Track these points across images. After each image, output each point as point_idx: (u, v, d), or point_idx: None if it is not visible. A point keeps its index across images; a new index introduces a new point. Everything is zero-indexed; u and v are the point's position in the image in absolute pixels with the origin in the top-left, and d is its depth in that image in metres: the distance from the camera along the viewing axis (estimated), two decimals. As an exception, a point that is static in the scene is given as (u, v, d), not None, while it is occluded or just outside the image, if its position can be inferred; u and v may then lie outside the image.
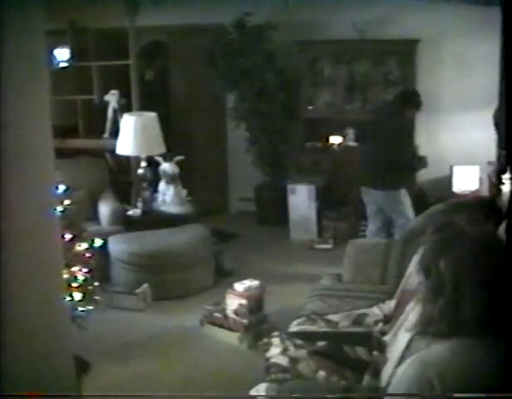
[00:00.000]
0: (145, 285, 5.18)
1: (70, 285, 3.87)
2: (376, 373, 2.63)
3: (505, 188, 4.58)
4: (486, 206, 3.49)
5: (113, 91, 6.63)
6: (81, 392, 3.48)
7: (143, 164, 5.91)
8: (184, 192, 6.02)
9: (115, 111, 6.62)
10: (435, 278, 1.99)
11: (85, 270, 3.98)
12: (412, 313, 2.51)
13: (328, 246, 6.40)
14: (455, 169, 6.46)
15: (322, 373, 2.77)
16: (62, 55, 6.85)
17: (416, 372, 1.87)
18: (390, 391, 2.03)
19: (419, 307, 2.11)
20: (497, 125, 5.58)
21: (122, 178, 6.67)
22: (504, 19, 4.21)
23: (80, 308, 3.97)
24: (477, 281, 1.93)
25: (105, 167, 6.58)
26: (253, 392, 2.57)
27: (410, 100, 5.37)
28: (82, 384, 3.68)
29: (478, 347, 1.88)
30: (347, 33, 6.62)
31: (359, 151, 6.00)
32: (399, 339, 2.61)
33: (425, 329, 2.03)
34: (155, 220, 5.80)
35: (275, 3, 6.42)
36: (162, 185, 5.98)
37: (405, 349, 2.41)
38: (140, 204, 5.90)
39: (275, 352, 3.00)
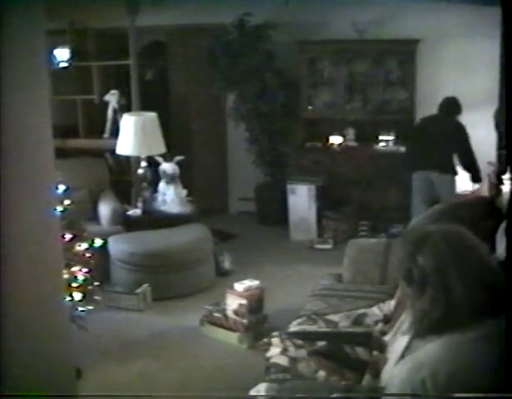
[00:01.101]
0: (145, 285, 5.18)
1: (70, 285, 3.87)
2: (376, 373, 2.63)
3: (505, 188, 4.58)
4: (486, 206, 3.49)
5: (113, 91, 6.63)
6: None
7: (143, 164, 5.92)
8: (184, 192, 6.02)
9: (115, 111, 6.62)
10: (418, 276, 2.02)
11: (85, 270, 3.98)
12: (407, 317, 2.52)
13: (328, 246, 6.40)
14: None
15: (322, 373, 2.76)
16: (62, 55, 6.85)
17: (409, 373, 1.89)
18: (386, 392, 2.04)
19: (410, 310, 2.14)
20: (497, 125, 5.58)
21: (122, 178, 6.67)
22: (504, 19, 4.21)
23: (80, 308, 3.97)
24: (458, 270, 1.97)
25: (106, 167, 6.58)
26: (253, 392, 2.57)
27: (451, 108, 5.72)
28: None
29: (471, 345, 1.89)
30: (347, 33, 6.63)
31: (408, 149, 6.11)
32: (399, 339, 2.61)
33: (420, 325, 2.05)
34: (155, 220, 5.80)
35: (275, 3, 6.42)
36: (162, 185, 5.97)
37: (405, 349, 2.40)
38: (140, 204, 5.91)
39: (275, 352, 3.00)
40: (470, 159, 5.59)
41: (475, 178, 5.67)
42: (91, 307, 4.06)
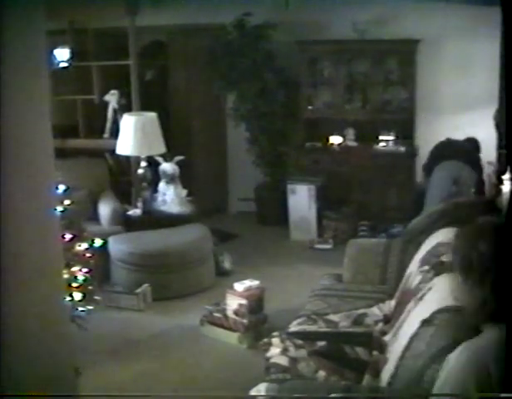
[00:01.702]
0: (145, 285, 5.18)
1: (70, 285, 3.86)
2: (376, 373, 2.63)
3: (505, 188, 4.57)
4: (486, 206, 3.49)
5: (113, 91, 6.63)
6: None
7: (143, 164, 5.92)
8: (184, 192, 6.02)
9: (115, 111, 6.62)
10: (479, 264, 2.06)
11: (85, 270, 3.98)
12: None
13: (328, 246, 6.40)
14: (456, 169, 6.45)
15: (322, 373, 2.77)
16: (62, 55, 6.84)
17: (471, 358, 1.88)
18: (440, 379, 2.02)
19: (462, 295, 2.18)
20: (497, 125, 5.58)
21: (122, 178, 6.67)
22: (504, 19, 4.21)
23: (80, 308, 3.97)
24: None
25: (106, 167, 6.58)
26: (253, 392, 2.57)
27: (473, 147, 5.93)
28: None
29: None
30: (347, 33, 6.62)
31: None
32: (399, 339, 2.62)
33: (480, 313, 2.07)
34: (154, 220, 5.80)
35: (275, 3, 6.42)
36: (162, 185, 5.97)
37: (405, 349, 2.41)
38: (140, 204, 5.91)
39: (275, 352, 3.00)
40: (479, 185, 5.74)
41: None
42: (91, 307, 4.06)
